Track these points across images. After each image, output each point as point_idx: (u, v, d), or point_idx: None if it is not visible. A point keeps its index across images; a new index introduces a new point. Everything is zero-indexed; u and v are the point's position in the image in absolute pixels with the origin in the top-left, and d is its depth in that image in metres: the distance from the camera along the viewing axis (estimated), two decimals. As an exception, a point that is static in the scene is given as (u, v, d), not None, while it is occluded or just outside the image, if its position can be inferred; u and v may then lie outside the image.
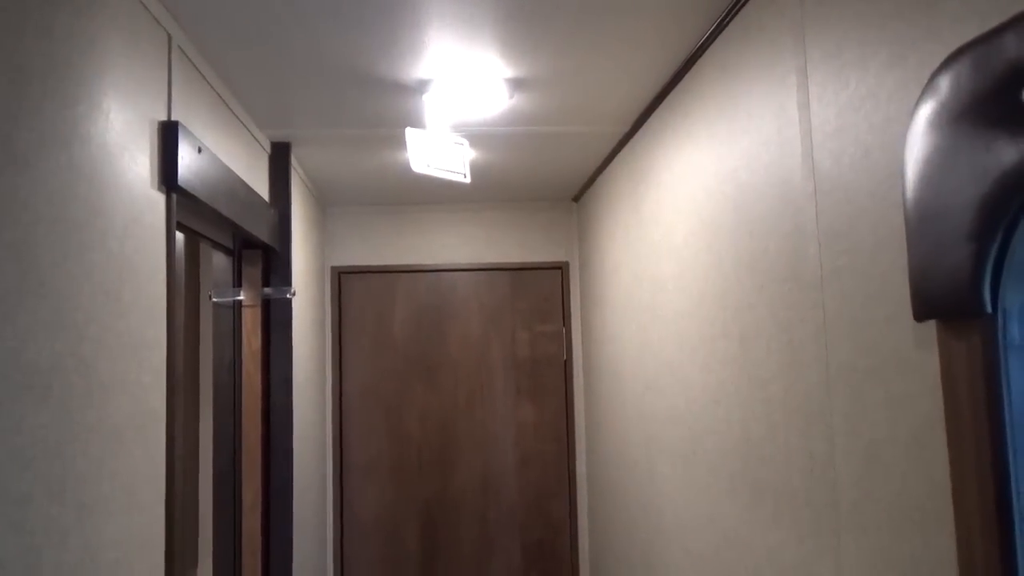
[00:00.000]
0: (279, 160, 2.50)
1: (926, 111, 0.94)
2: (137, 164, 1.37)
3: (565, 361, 3.60)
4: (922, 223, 0.94)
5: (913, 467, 1.03)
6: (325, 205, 3.55)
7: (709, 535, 1.87)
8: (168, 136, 1.49)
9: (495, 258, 3.61)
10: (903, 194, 0.99)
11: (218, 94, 1.93)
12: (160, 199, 1.47)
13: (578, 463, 3.57)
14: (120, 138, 1.30)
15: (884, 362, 1.11)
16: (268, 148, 2.49)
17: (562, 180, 3.26)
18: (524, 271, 3.62)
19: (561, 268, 3.63)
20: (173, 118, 1.54)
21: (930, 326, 0.98)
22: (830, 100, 1.25)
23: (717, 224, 1.79)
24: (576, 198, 3.60)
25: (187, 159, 1.56)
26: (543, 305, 3.62)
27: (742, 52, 1.60)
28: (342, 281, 3.55)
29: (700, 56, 1.85)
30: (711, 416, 1.85)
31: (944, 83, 0.91)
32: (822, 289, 1.29)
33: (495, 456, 3.54)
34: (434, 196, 3.48)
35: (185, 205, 1.79)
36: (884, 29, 1.09)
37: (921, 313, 0.95)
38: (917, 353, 1.02)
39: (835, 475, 1.25)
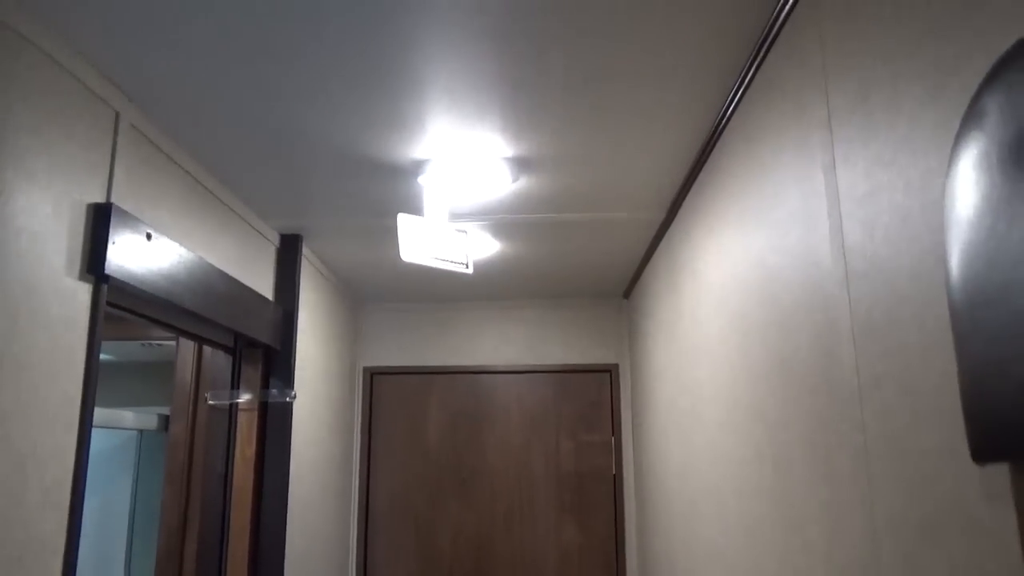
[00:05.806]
0: (287, 254, 2.36)
1: (969, 150, 0.65)
2: (52, 250, 1.21)
3: (615, 476, 3.20)
4: (972, 310, 0.63)
5: None
6: (359, 302, 3.39)
7: None
8: (99, 220, 1.33)
9: (538, 359, 3.31)
10: (946, 269, 0.68)
11: (197, 181, 1.80)
12: (81, 288, 1.30)
13: (630, 596, 3.11)
14: (31, 221, 1.15)
15: (942, 515, 0.76)
16: (276, 241, 2.35)
17: (609, 275, 2.98)
18: (570, 374, 3.29)
19: (610, 371, 3.29)
20: (112, 201, 1.39)
21: (1000, 471, 0.65)
22: (858, 156, 0.96)
23: (746, 317, 1.47)
24: (626, 294, 3.30)
25: (127, 246, 1.40)
26: (591, 412, 3.26)
27: (765, 115, 1.33)
28: (374, 382, 3.33)
29: (725, 125, 1.59)
30: (747, 562, 1.47)
31: (991, 106, 0.62)
32: (860, 404, 0.96)
33: (535, 583, 3.13)
34: (474, 293, 3.26)
35: (160, 303, 1.63)
36: (916, 52, 0.81)
37: (983, 451, 0.62)
38: (986, 507, 0.68)
39: (891, 672, 0.88)
